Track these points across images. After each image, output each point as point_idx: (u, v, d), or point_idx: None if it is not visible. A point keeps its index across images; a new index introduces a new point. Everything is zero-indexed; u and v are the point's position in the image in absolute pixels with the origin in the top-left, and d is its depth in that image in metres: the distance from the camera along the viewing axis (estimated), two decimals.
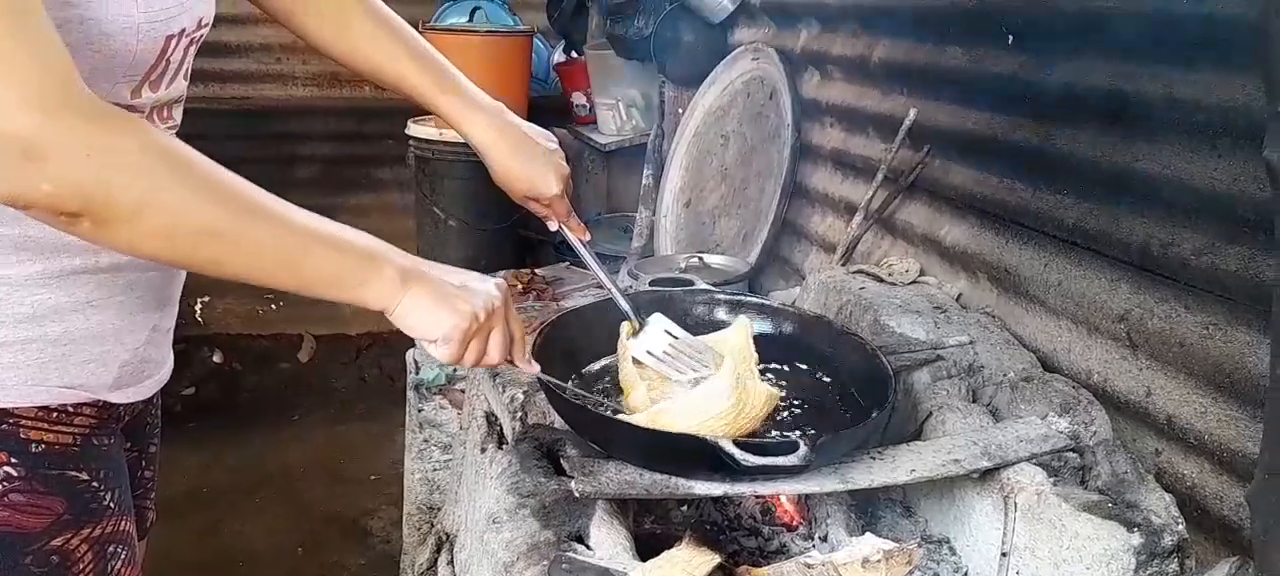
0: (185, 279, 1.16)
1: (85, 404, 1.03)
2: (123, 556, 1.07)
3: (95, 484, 1.03)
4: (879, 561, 0.73)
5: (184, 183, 0.81)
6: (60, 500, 1.00)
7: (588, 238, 1.33)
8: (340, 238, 0.92)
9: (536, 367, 1.12)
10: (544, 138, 1.31)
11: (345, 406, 3.76)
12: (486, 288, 1.02)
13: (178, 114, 1.07)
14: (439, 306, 0.96)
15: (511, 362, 1.08)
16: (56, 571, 1.00)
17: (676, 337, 1.29)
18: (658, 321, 1.32)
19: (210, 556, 2.73)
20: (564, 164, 1.31)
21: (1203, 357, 1.26)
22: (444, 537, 1.50)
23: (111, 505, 1.05)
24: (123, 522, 1.07)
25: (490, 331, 1.02)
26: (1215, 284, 1.25)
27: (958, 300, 1.74)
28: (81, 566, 1.02)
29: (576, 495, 1.08)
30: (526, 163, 1.27)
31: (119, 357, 1.05)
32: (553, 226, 1.34)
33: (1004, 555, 1.16)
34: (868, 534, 0.77)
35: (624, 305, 1.32)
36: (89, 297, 1.00)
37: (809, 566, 0.78)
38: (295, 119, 4.09)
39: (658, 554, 1.07)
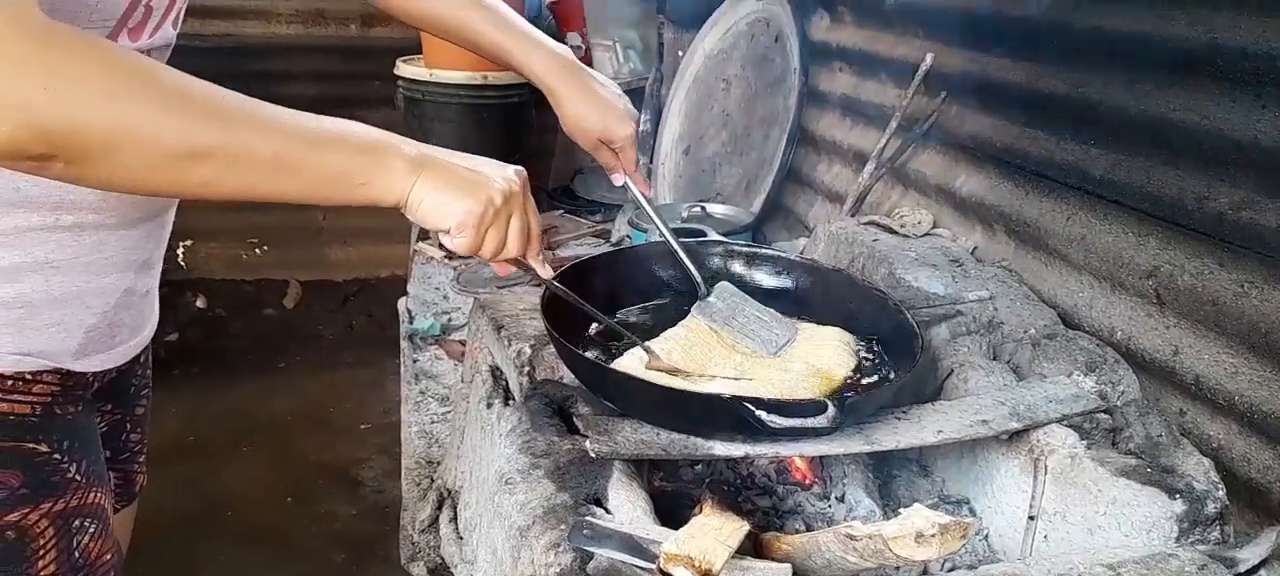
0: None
1: (45, 371, 0.95)
2: (91, 530, 1.00)
3: (56, 456, 0.96)
4: (934, 536, 0.68)
5: (156, 103, 0.73)
6: (15, 473, 0.93)
7: (651, 193, 1.37)
8: (340, 133, 0.85)
9: (551, 272, 1.10)
10: (611, 83, 1.33)
11: (333, 354, 3.69)
12: (503, 172, 0.97)
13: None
14: (453, 193, 0.91)
15: (524, 262, 1.04)
16: (14, 548, 0.93)
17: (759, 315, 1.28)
18: (725, 291, 1.30)
19: (197, 505, 2.68)
20: (633, 108, 1.33)
21: (1237, 316, 1.21)
22: (445, 493, 1.45)
23: (76, 478, 0.98)
24: (91, 495, 1.00)
25: (509, 218, 0.97)
26: (1254, 240, 1.20)
27: (973, 254, 1.69)
28: (42, 542, 0.95)
29: (591, 455, 1.03)
30: (600, 108, 1.28)
31: (84, 322, 0.98)
32: (618, 179, 1.38)
33: (1031, 519, 1.12)
34: (917, 504, 0.72)
35: (693, 271, 1.34)
36: (48, 258, 0.91)
37: (851, 538, 0.73)
38: (278, 57, 3.93)
39: (672, 511, 1.03)
